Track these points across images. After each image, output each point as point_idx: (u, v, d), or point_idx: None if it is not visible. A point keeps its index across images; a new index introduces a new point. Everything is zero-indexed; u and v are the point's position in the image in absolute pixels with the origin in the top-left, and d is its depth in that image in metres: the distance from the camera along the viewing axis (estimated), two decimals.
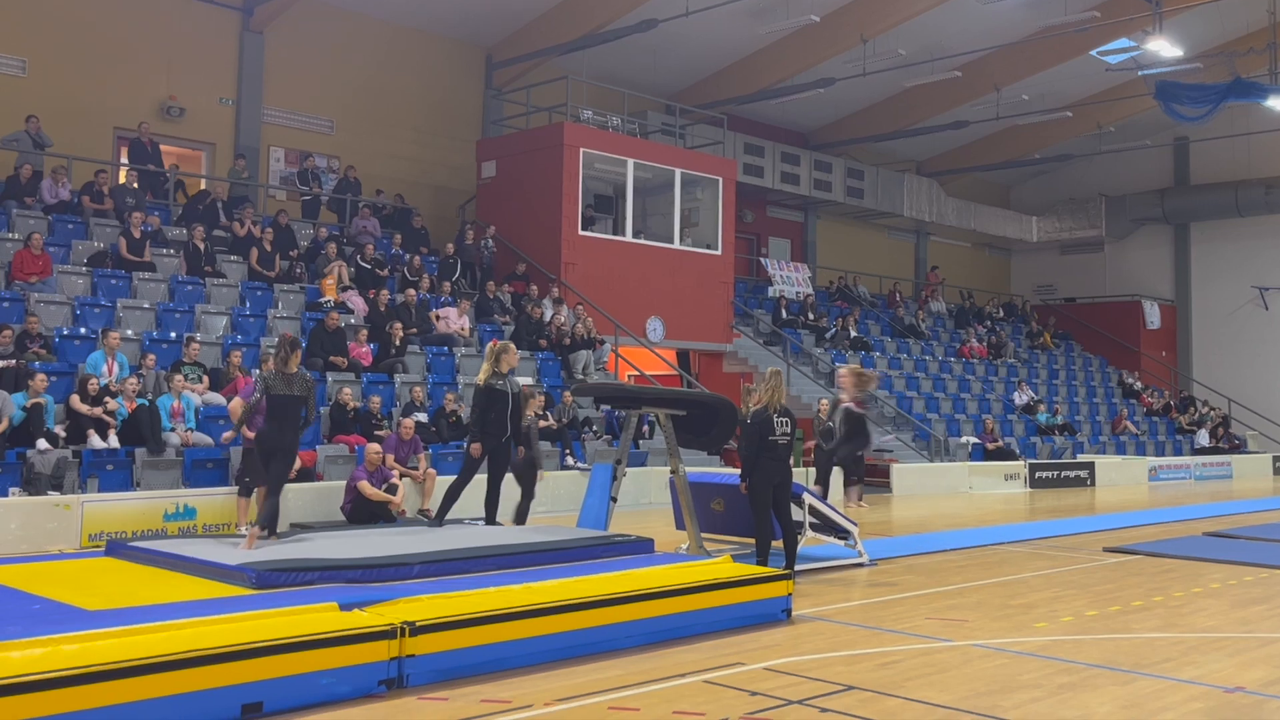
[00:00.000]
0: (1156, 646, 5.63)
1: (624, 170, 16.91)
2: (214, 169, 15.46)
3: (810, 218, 24.00)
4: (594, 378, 14.42)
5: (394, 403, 11.83)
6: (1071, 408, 22.13)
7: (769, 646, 5.51)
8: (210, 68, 15.42)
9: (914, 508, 13.46)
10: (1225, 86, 18.50)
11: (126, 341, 10.57)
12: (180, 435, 9.66)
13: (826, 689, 4.67)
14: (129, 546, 6.67)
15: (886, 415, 17.98)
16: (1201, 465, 20.41)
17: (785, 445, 7.22)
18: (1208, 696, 4.67)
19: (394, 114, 17.21)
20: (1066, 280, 28.22)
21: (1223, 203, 25.23)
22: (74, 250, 12.12)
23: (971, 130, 22.57)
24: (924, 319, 23.10)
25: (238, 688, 4.10)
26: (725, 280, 18.20)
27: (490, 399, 7.62)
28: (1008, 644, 5.63)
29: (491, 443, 7.66)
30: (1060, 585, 7.61)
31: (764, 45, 19.06)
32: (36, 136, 12.87)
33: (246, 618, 4.48)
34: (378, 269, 14.17)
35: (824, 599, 6.87)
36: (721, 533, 8.44)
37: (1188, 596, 7.16)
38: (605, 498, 7.69)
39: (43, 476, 8.64)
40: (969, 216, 25.40)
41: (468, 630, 4.78)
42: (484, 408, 7.62)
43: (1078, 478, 17.53)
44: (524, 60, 17.76)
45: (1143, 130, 24.32)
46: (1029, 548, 9.70)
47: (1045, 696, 4.62)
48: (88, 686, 3.73)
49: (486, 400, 7.62)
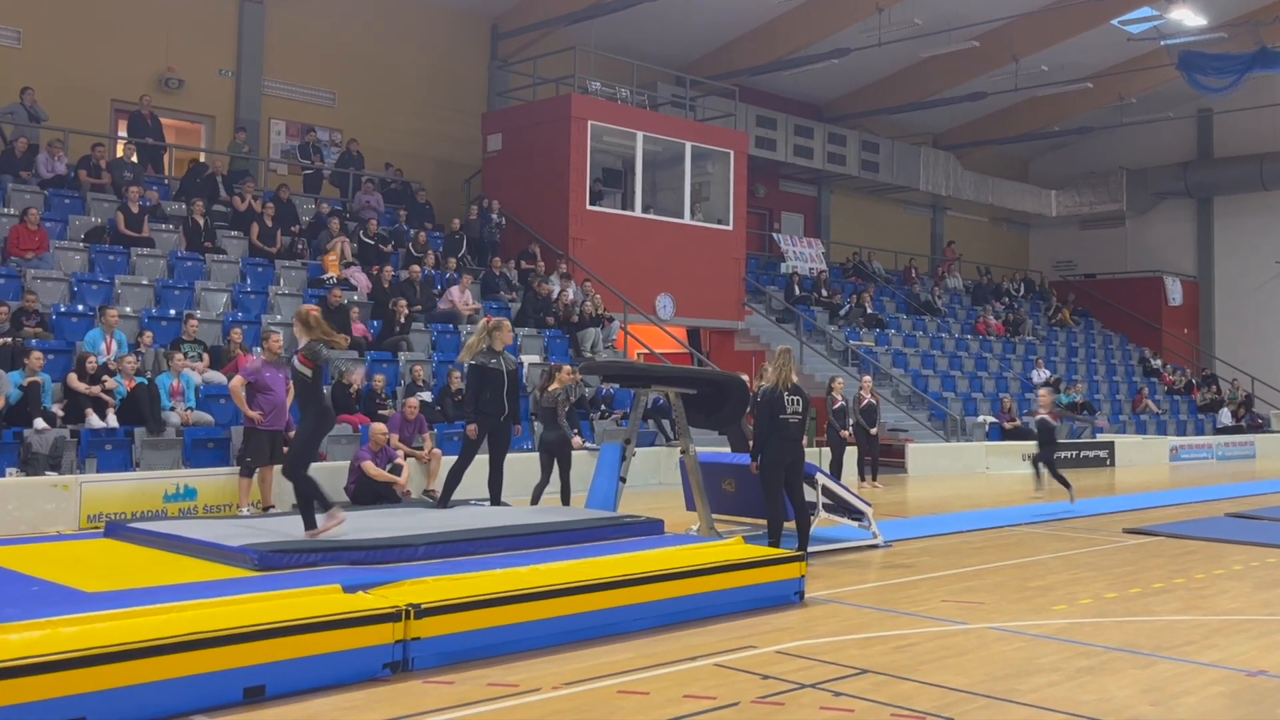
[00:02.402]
0: (1177, 629, 5.58)
1: (633, 143, 16.67)
2: (213, 142, 15.31)
3: (824, 192, 23.71)
4: (602, 356, 14.29)
5: (398, 381, 11.73)
6: (1091, 386, 21.87)
7: (781, 629, 5.48)
8: (210, 38, 15.22)
9: (930, 488, 13.39)
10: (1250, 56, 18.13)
11: (125, 319, 10.46)
12: (180, 414, 9.57)
13: (840, 672, 4.65)
14: (128, 527, 6.63)
15: (901, 394, 17.80)
16: (1224, 445, 20.21)
17: (797, 424, 7.13)
18: (1230, 680, 4.62)
19: (397, 86, 16.99)
20: (1086, 256, 27.84)
21: (1247, 176, 24.82)
22: (71, 225, 11.99)
23: (989, 102, 22.18)
24: (940, 295, 22.85)
25: (240, 671, 4.07)
26: (737, 256, 18.00)
27: (483, 378, 7.43)
28: (1025, 627, 5.58)
29: (489, 423, 7.48)
30: (1079, 567, 7.56)
31: (777, 15, 18.76)
32: (31, 109, 12.69)
33: (248, 600, 4.47)
34: (381, 245, 14.03)
35: (837, 581, 6.82)
36: (733, 514, 8.38)
37: (1209, 578, 7.09)
38: (614, 478, 7.60)
39: (40, 456, 8.57)
40: (986, 190, 25.04)
41: (474, 613, 4.75)
42: (477, 387, 7.44)
43: (1097, 458, 17.37)
44: (530, 30, 17.50)
45: (1165, 102, 23.86)
46: (1047, 529, 9.61)
47: (1063, 680, 4.58)
48: (87, 669, 3.71)
49: (479, 380, 7.44)
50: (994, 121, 24.34)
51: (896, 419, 16.74)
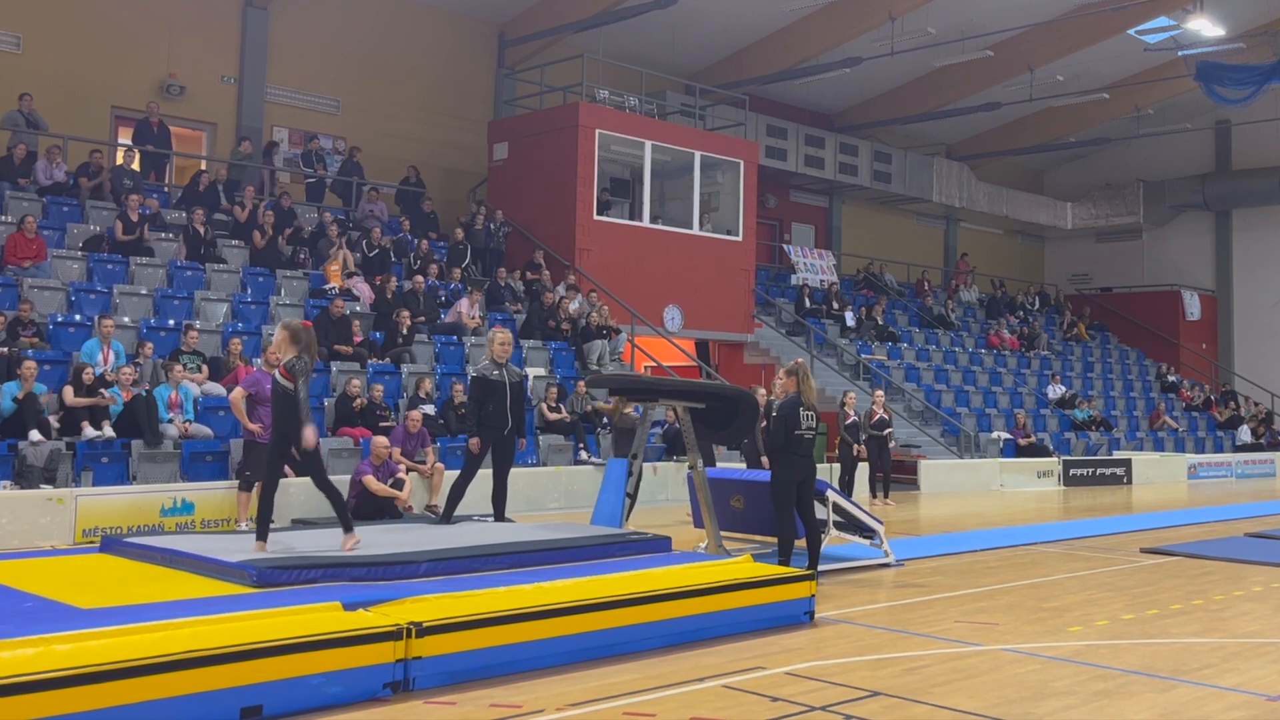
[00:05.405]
0: (1196, 652, 5.48)
1: (641, 152, 16.61)
2: (215, 150, 15.28)
3: (835, 203, 23.62)
4: (609, 368, 14.20)
5: (400, 393, 11.65)
6: (1108, 402, 21.64)
7: (791, 650, 5.40)
8: (212, 44, 15.19)
9: (943, 506, 13.24)
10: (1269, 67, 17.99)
11: (123, 329, 10.40)
12: (178, 427, 9.48)
13: (851, 694, 4.57)
14: (124, 542, 6.56)
15: (914, 409, 17.64)
16: (1243, 463, 19.98)
17: (809, 440, 7.03)
18: (1250, 705, 4.52)
19: (403, 93, 16.96)
20: (1102, 269, 27.63)
21: (1266, 188, 24.60)
22: (69, 234, 11.93)
23: (1004, 112, 22.08)
24: (953, 309, 22.69)
25: (237, 690, 4.00)
26: (746, 268, 17.90)
27: (486, 390, 7.31)
28: (1040, 649, 5.49)
29: (492, 436, 7.35)
30: (1095, 587, 7.44)
31: (788, 23, 18.71)
32: (30, 116, 12.66)
33: (246, 617, 4.40)
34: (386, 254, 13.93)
35: (848, 601, 6.73)
36: (742, 531, 8.29)
37: (1228, 600, 6.98)
38: (620, 494, 7.49)
39: (35, 469, 8.48)
40: (1001, 202, 24.90)
41: (477, 631, 4.68)
42: (479, 400, 7.33)
43: (1114, 475, 17.13)
44: (538, 38, 17.46)
45: (1182, 113, 23.68)
46: (1063, 548, 9.48)
47: (1079, 704, 4.49)
48: (81, 688, 3.64)
49: (481, 392, 7.32)
50: (1008, 132, 24.22)
51: (909, 435, 16.59)
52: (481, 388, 7.34)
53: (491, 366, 7.39)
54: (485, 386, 7.33)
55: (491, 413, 7.31)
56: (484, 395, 7.31)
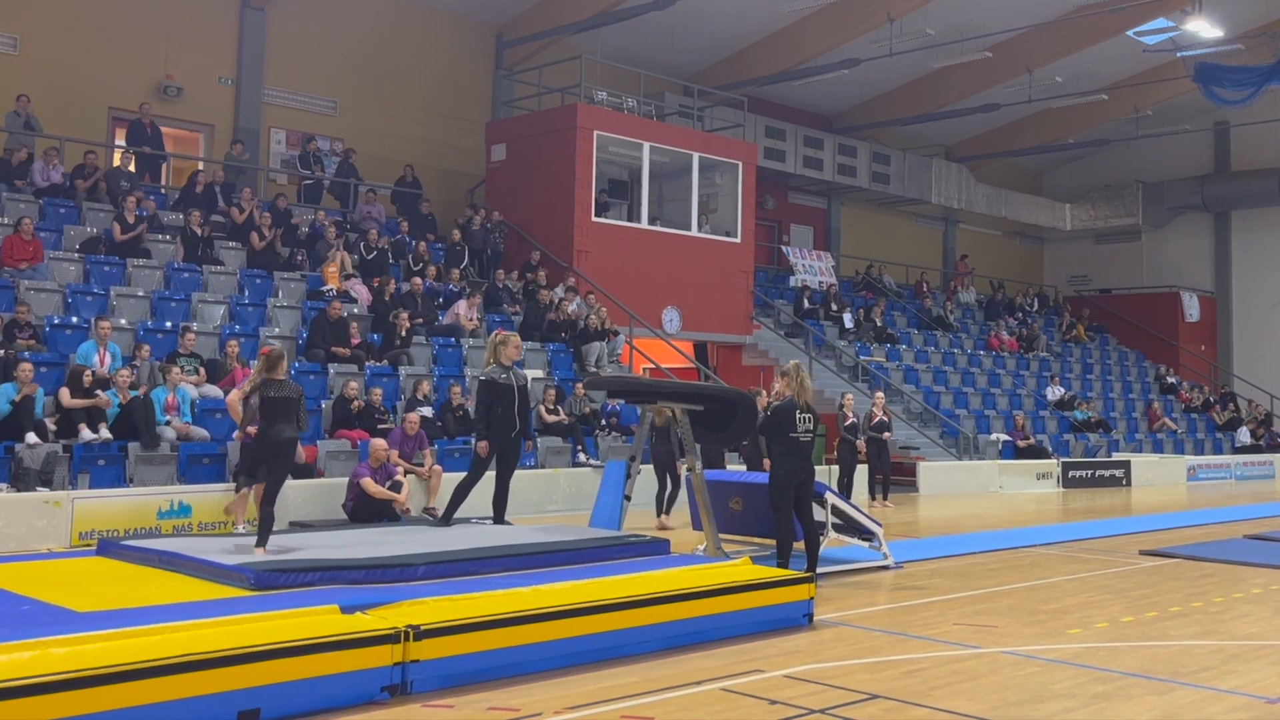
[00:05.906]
0: (1195, 654, 5.47)
1: (639, 154, 16.60)
2: (213, 151, 15.24)
3: (834, 204, 23.62)
4: (607, 370, 14.18)
5: (398, 395, 11.62)
6: (1107, 403, 21.63)
7: (790, 653, 5.39)
8: (209, 46, 15.16)
9: (941, 508, 13.23)
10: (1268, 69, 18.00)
11: (120, 331, 10.36)
12: (176, 429, 9.46)
13: (850, 697, 4.56)
14: (121, 545, 6.58)
15: (913, 411, 17.63)
16: (1242, 464, 19.96)
17: (807, 442, 7.01)
18: (1250, 708, 4.52)
19: (400, 94, 16.94)
20: (1101, 270, 27.63)
21: (1265, 190, 24.61)
22: (66, 235, 11.90)
23: (1003, 114, 22.08)
24: (952, 310, 22.68)
25: (234, 693, 3.98)
26: (745, 269, 17.89)
27: (493, 393, 7.32)
28: (1039, 651, 5.49)
29: (499, 439, 7.37)
30: (1094, 590, 7.43)
31: (786, 24, 18.71)
32: (27, 117, 12.64)
33: (244, 620, 4.40)
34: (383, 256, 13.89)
35: (847, 603, 6.72)
36: (740, 533, 8.27)
37: (1228, 602, 6.97)
38: (618, 496, 7.48)
39: (31, 472, 8.45)
40: (1000, 203, 24.90)
41: (475, 634, 4.68)
42: (487, 403, 7.34)
43: (1113, 477, 17.14)
44: (536, 39, 17.45)
45: (1181, 114, 23.69)
46: (1062, 550, 9.46)
47: (1079, 707, 4.48)
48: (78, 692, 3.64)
49: (489, 395, 7.33)
50: (1007, 133, 24.23)
51: (908, 436, 16.57)
52: (490, 391, 7.34)
53: (499, 370, 7.40)
54: (494, 390, 7.33)
55: (500, 416, 7.31)
56: (493, 398, 7.32)
